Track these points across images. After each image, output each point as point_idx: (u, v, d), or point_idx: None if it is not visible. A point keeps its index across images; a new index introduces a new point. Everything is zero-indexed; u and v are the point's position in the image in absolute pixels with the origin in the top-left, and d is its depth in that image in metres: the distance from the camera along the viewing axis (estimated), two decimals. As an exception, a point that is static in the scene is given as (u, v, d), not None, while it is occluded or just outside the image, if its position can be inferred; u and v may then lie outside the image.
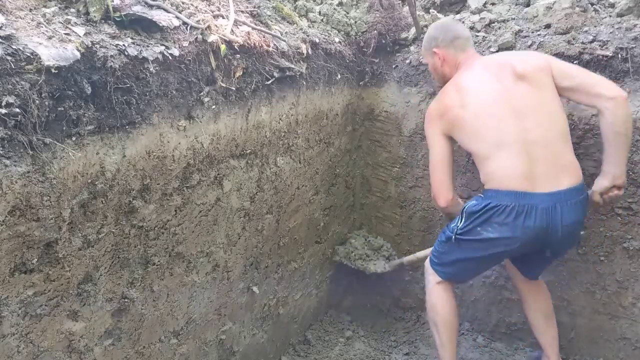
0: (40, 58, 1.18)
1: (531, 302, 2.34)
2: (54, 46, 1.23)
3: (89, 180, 1.37)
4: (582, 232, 2.23)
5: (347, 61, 2.62)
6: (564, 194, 1.94)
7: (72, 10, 1.41)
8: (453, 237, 2.12)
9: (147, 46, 1.49)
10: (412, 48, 2.73)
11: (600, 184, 2.03)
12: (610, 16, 2.28)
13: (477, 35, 2.53)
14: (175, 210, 1.72)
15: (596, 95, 1.94)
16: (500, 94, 2.06)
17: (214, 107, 1.77)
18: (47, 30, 1.28)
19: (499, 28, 2.50)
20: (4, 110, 1.12)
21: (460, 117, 2.09)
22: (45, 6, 1.37)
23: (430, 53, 2.33)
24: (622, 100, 1.92)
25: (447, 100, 2.16)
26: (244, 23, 1.93)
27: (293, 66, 2.13)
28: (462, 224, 2.10)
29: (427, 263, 2.35)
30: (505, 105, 2.03)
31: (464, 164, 2.64)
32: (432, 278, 2.28)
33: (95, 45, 1.33)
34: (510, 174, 1.97)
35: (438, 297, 2.25)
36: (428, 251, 2.45)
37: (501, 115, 2.02)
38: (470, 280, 2.53)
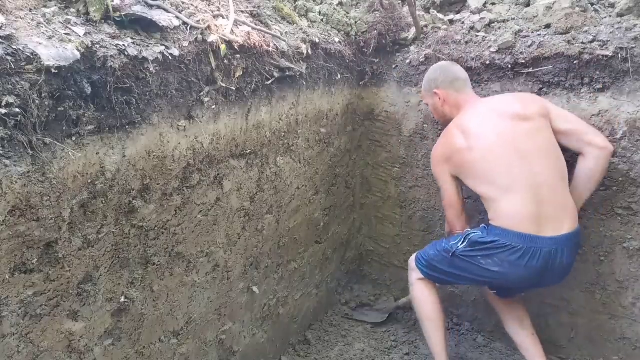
0: (40, 58, 1.18)
1: (507, 314, 2.41)
2: (54, 46, 1.23)
3: (89, 180, 1.37)
4: None
5: (347, 61, 2.62)
6: (566, 238, 2.01)
7: (72, 10, 1.41)
8: (451, 254, 2.17)
9: (147, 46, 1.49)
10: (412, 48, 2.72)
11: None
12: (610, 16, 2.27)
13: (477, 35, 2.52)
14: (175, 211, 1.72)
15: (588, 142, 2.08)
16: (506, 136, 2.10)
17: (214, 107, 1.77)
18: (47, 30, 1.28)
19: (499, 28, 2.50)
20: (4, 110, 1.12)
21: (468, 161, 2.14)
22: (45, 6, 1.37)
23: (430, 94, 2.39)
24: (609, 153, 2.06)
25: (453, 142, 2.19)
26: (244, 23, 1.93)
27: (293, 66, 2.12)
28: (463, 246, 2.13)
29: (412, 260, 2.43)
30: (511, 148, 2.07)
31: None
32: (414, 274, 2.39)
33: (95, 45, 1.33)
34: (519, 215, 2.01)
35: (420, 292, 2.37)
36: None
37: (509, 158, 2.06)
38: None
